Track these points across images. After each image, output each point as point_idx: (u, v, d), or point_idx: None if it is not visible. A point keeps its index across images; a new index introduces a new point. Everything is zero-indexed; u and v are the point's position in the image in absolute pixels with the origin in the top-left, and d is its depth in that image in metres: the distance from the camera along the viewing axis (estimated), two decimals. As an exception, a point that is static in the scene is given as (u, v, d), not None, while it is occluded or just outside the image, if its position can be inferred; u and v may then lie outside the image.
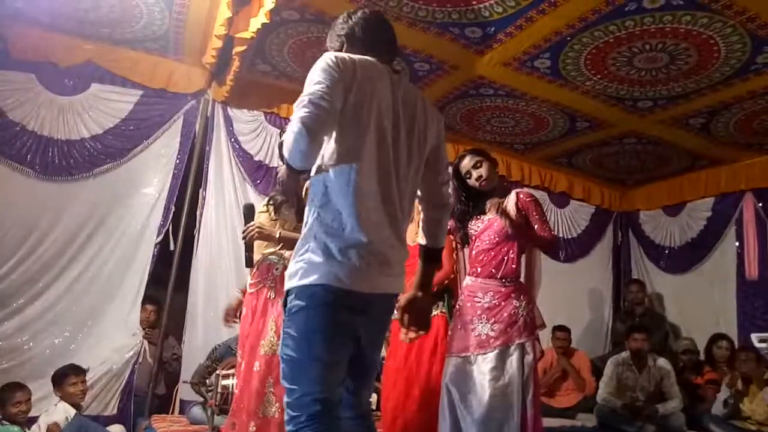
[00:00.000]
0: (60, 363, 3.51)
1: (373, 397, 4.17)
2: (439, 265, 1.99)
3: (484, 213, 2.84)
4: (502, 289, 2.71)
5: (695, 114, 4.50)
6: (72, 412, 3.28)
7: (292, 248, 2.45)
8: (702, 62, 3.71)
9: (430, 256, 1.90)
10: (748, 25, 3.28)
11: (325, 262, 1.56)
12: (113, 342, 3.87)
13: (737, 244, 5.37)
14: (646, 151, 5.40)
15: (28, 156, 3.75)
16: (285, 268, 2.41)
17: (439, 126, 1.87)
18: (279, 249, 2.48)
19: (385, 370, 3.17)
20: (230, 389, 3.26)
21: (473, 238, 2.85)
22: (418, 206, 2.73)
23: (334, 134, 1.62)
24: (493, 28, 3.52)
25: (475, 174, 2.79)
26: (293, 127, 1.51)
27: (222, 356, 3.77)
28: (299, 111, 1.53)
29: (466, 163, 2.82)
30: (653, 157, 5.52)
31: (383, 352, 4.55)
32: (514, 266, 2.74)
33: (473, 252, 2.85)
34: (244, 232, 2.43)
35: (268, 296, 2.40)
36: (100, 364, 3.75)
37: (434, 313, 3.05)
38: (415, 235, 2.98)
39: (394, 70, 1.79)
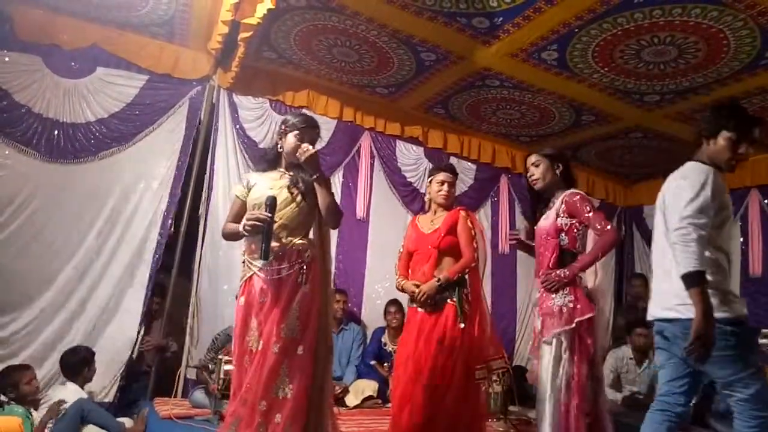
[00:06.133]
0: (64, 347, 3.54)
1: (371, 385, 4.21)
2: None
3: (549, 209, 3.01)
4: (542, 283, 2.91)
5: (703, 109, 4.45)
6: (82, 393, 3.28)
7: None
8: (711, 56, 3.68)
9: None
10: (759, 19, 3.25)
11: None
12: (116, 328, 3.88)
13: (741, 240, 5.35)
14: (651, 146, 5.37)
15: (34, 138, 3.75)
16: (314, 255, 2.49)
17: (669, 185, 2.37)
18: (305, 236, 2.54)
19: (396, 359, 3.18)
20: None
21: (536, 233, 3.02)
22: (431, 194, 2.85)
23: None
24: (500, 19, 3.49)
25: (528, 174, 3.04)
26: None
27: (223, 345, 3.79)
28: None
29: (527, 162, 3.07)
30: (659, 152, 5.50)
31: (389, 344, 4.60)
32: (550, 264, 2.87)
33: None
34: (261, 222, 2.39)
35: (297, 281, 2.42)
36: (104, 349, 3.77)
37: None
38: (431, 223, 3.07)
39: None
